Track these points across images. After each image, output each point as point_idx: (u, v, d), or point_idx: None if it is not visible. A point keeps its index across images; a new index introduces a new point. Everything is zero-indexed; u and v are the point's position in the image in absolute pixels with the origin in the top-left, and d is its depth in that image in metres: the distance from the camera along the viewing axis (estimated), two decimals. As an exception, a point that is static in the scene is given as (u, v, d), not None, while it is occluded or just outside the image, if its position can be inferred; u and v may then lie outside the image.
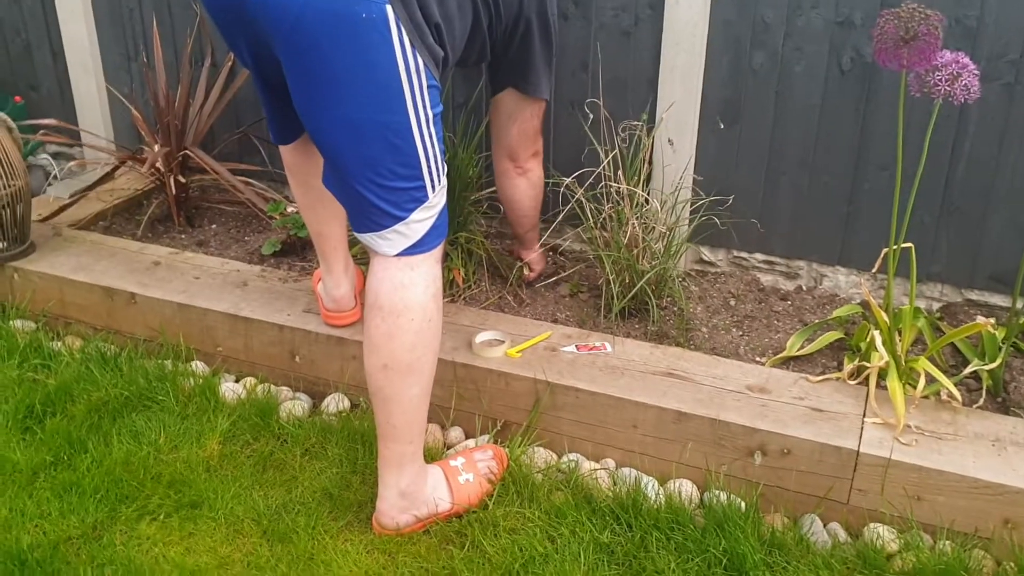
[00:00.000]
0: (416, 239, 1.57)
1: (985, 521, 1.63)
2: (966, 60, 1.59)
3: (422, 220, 1.57)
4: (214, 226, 2.67)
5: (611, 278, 2.10)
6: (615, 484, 1.83)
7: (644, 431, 1.83)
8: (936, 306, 2.23)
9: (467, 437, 1.99)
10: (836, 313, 2.13)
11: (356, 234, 1.61)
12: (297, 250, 2.49)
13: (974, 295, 2.19)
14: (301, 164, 1.96)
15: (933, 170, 2.10)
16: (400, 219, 1.55)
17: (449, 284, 2.25)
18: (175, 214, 2.65)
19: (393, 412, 1.62)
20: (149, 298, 2.22)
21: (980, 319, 1.78)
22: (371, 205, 1.55)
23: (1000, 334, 1.95)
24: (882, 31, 1.62)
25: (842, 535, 1.71)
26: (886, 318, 1.86)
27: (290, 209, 2.57)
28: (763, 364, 2.00)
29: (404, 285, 1.57)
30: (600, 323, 2.13)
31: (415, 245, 1.58)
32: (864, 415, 1.77)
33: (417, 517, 1.70)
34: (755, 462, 1.76)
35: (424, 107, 1.51)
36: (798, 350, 2.02)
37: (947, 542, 1.65)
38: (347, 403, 2.08)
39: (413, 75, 1.48)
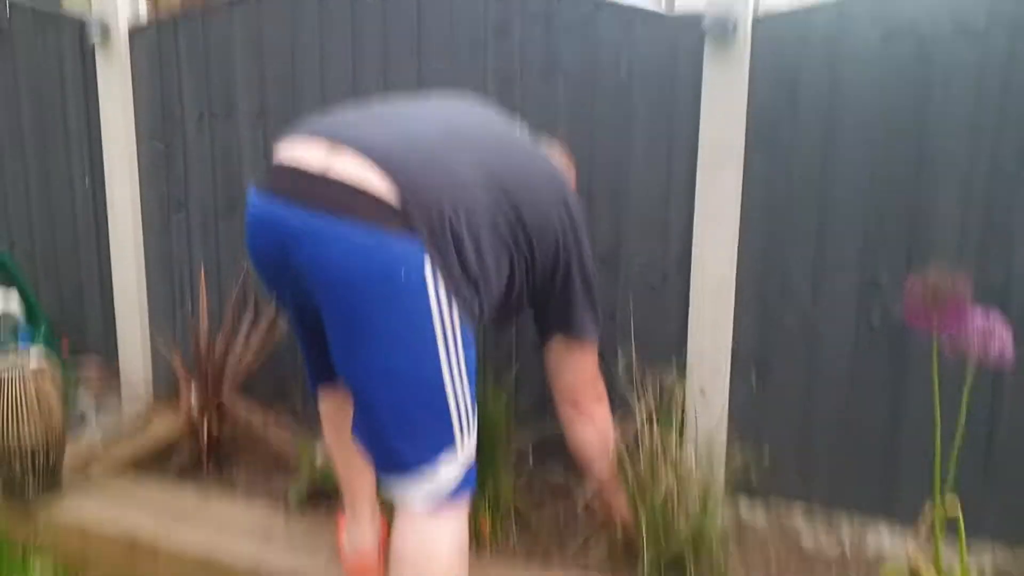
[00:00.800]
0: (444, 492, 1.55)
1: None
2: (998, 322, 1.58)
3: (450, 471, 1.55)
4: (245, 467, 2.64)
5: (645, 537, 2.01)
6: None
7: None
8: (988, 570, 2.11)
9: None
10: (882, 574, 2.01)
11: (383, 479, 1.58)
12: (328, 494, 2.44)
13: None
14: (336, 412, 1.97)
15: (972, 431, 2.05)
16: (428, 470, 1.53)
17: (476, 535, 2.17)
18: (205, 460, 2.63)
19: None
20: (171, 553, 2.16)
21: None
22: (399, 454, 1.53)
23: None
24: (912, 294, 1.64)
25: None
26: (939, 586, 1.75)
27: (317, 461, 2.54)
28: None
29: (431, 539, 1.54)
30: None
31: (442, 497, 1.55)
32: None
33: None
34: None
35: (458, 361, 1.53)
36: (847, 618, 1.89)
37: None
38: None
39: (448, 329, 1.51)
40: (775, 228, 2.18)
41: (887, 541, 2.18)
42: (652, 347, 2.33)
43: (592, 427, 2.09)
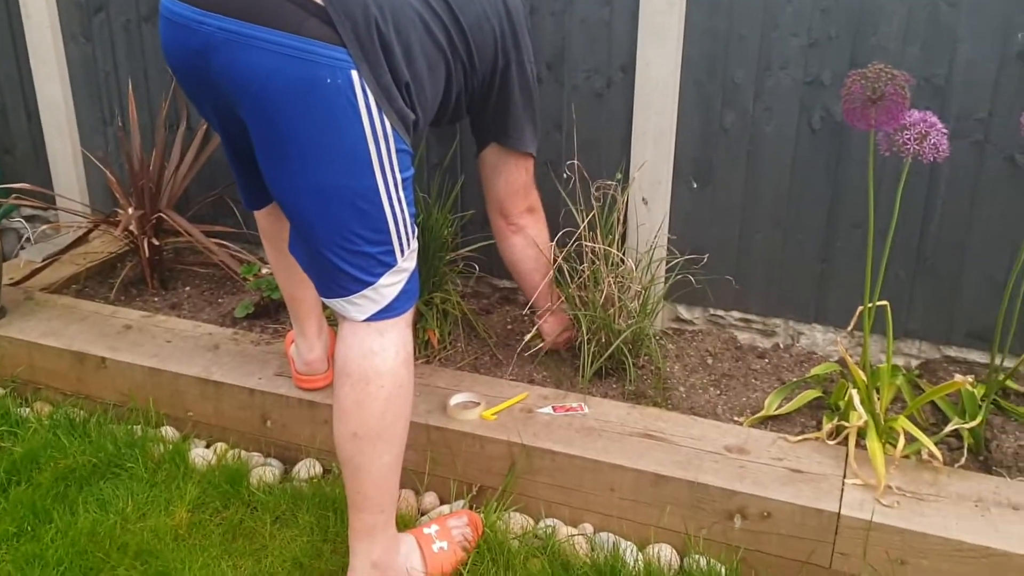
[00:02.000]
0: (385, 304, 1.54)
1: (971, 584, 1.59)
2: (934, 119, 1.58)
3: (391, 285, 1.55)
4: (188, 288, 2.63)
5: (587, 338, 2.06)
6: (593, 550, 1.77)
7: (622, 494, 1.78)
8: (914, 363, 2.21)
9: (441, 503, 1.93)
10: (813, 371, 2.10)
11: (324, 299, 1.58)
12: (270, 312, 2.45)
13: (952, 352, 2.17)
14: (275, 228, 1.93)
15: (906, 227, 2.09)
16: (368, 284, 1.52)
17: (424, 345, 2.21)
18: (148, 277, 2.61)
19: (364, 481, 1.57)
20: (119, 362, 2.17)
21: (958, 377, 1.76)
22: (338, 270, 1.52)
23: (979, 391, 1.93)
24: (849, 91, 1.63)
25: (826, 601, 1.66)
26: (864, 376, 1.83)
27: (264, 271, 2.54)
28: (741, 424, 1.96)
29: (373, 352, 1.54)
30: (577, 384, 2.10)
31: (384, 310, 1.54)
32: (844, 476, 1.73)
33: None
34: (735, 526, 1.71)
35: (393, 172, 1.49)
36: (776, 409, 1.98)
37: (933, 606, 1.60)
38: (319, 468, 2.03)
39: (381, 140, 1.46)
40: (719, 26, 2.12)
41: (820, 340, 2.27)
42: (597, 157, 2.31)
43: (522, 239, 2.10)
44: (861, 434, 1.80)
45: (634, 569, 1.70)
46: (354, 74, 1.40)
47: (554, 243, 2.15)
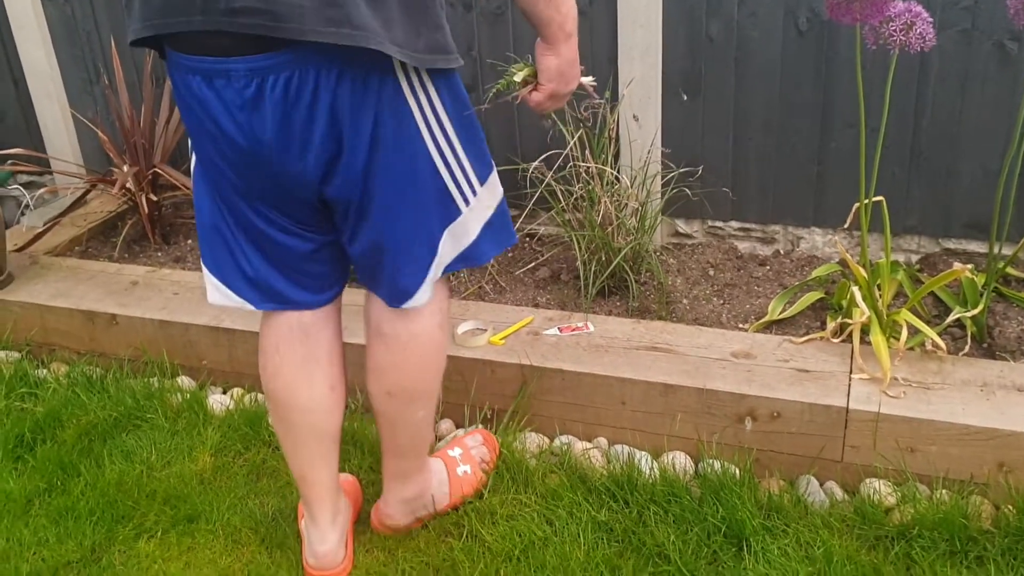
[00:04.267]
0: (456, 254, 1.42)
1: (980, 467, 1.60)
2: (919, 8, 1.55)
3: (457, 239, 1.40)
4: (190, 241, 2.62)
5: (586, 258, 2.06)
6: (608, 462, 1.80)
7: (633, 407, 1.80)
8: (915, 259, 2.20)
9: (457, 428, 1.95)
10: (815, 273, 2.10)
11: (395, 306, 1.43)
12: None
13: (951, 244, 2.17)
14: (292, 346, 1.47)
15: (899, 123, 2.07)
16: (432, 262, 1.39)
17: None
18: (150, 233, 2.60)
19: (399, 434, 1.54)
20: (130, 318, 2.17)
21: (957, 265, 1.75)
22: (410, 278, 1.39)
23: (980, 280, 1.93)
24: (833, -14, 1.59)
25: (839, 493, 1.68)
26: (864, 273, 1.83)
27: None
28: (746, 330, 1.97)
29: (408, 315, 1.43)
30: (581, 304, 2.10)
31: (451, 264, 1.43)
32: (851, 372, 1.74)
33: (419, 517, 1.66)
34: (746, 428, 1.73)
35: (449, 143, 1.32)
36: (780, 313, 1.99)
37: (943, 491, 1.62)
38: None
39: (430, 116, 1.28)
40: (702, -63, 2.07)
41: (820, 243, 2.27)
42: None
43: None
44: (865, 330, 1.80)
45: (650, 477, 1.72)
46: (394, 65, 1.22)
47: (539, 163, 2.14)
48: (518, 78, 1.34)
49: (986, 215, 2.08)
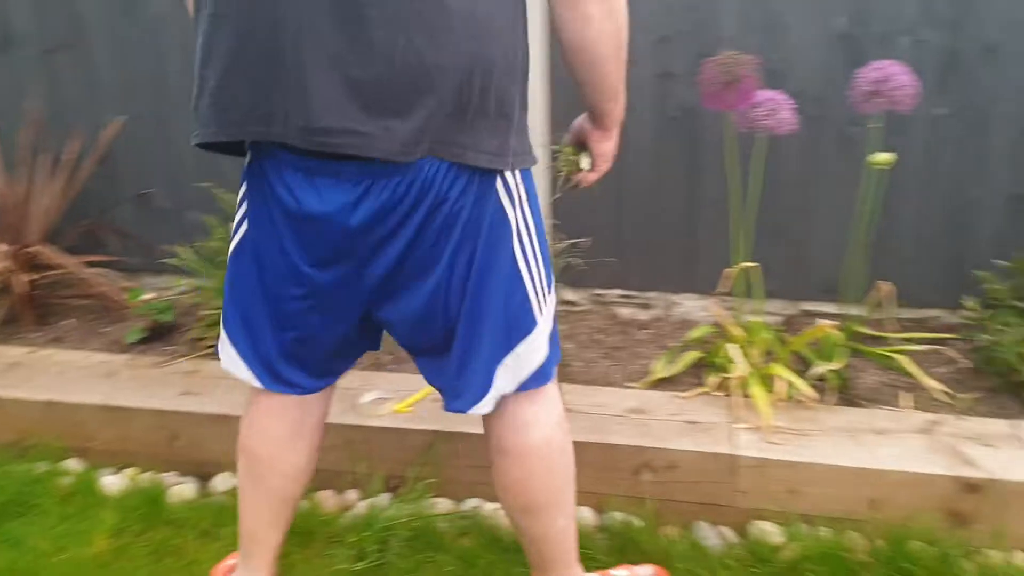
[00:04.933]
0: (531, 371, 1.36)
1: (854, 504, 1.77)
2: (781, 97, 1.77)
3: (532, 352, 1.35)
4: (69, 321, 2.54)
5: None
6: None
7: (539, 465, 1.88)
8: (777, 320, 2.42)
9: (362, 499, 1.97)
10: (692, 335, 2.26)
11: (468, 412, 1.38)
12: (162, 335, 2.41)
13: (809, 306, 2.39)
14: (284, 431, 1.47)
15: (761, 197, 2.29)
16: (502, 360, 1.34)
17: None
18: (25, 313, 2.50)
19: (542, 547, 1.48)
20: (14, 400, 2.09)
21: (822, 322, 1.95)
22: (482, 378, 1.34)
23: (839, 337, 2.13)
24: (706, 78, 1.79)
25: (731, 536, 1.80)
26: (740, 332, 2.01)
27: (148, 296, 2.49)
28: (636, 388, 2.10)
29: (527, 424, 1.39)
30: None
31: (531, 378, 1.36)
32: (734, 422, 1.89)
33: None
34: (644, 479, 1.84)
35: (528, 228, 1.33)
36: (664, 373, 2.13)
37: (824, 529, 1.77)
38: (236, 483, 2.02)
39: (521, 220, 1.30)
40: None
41: (693, 308, 2.45)
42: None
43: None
44: (743, 384, 1.96)
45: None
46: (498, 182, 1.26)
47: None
48: (585, 165, 1.48)
49: (837, 280, 2.32)
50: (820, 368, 2.02)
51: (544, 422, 1.40)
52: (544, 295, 1.35)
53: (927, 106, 2.15)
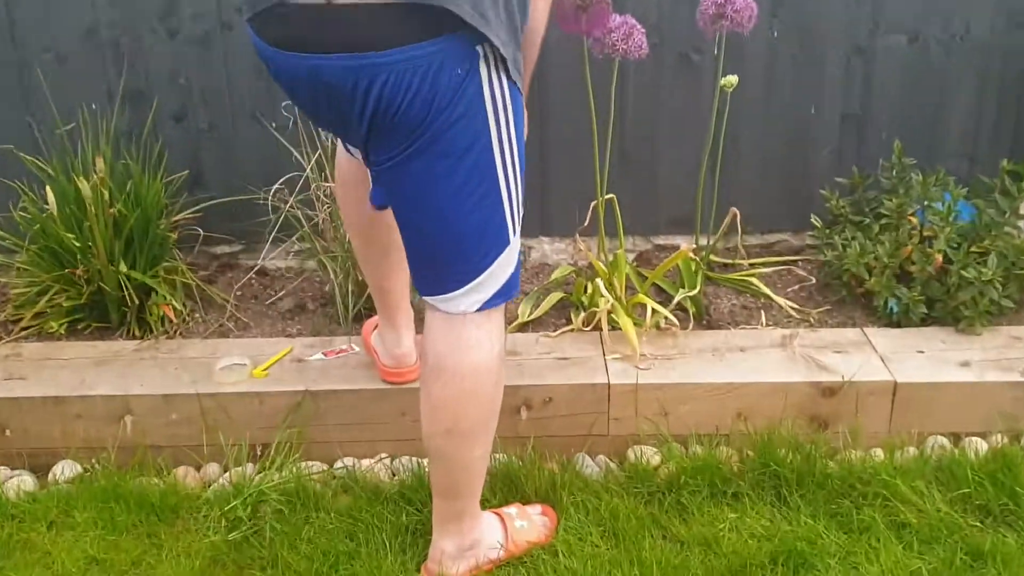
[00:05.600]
0: (494, 291, 1.56)
1: (723, 419, 2.06)
2: (634, 21, 2.01)
3: (502, 269, 1.56)
4: None
5: (340, 281, 2.29)
6: (394, 475, 2.03)
7: (414, 416, 2.04)
8: (631, 257, 2.69)
9: (225, 471, 2.07)
10: (554, 276, 2.49)
11: (427, 297, 1.59)
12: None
13: (661, 240, 2.67)
14: (358, 183, 1.81)
15: (607, 128, 2.51)
16: (483, 271, 1.54)
17: (161, 321, 2.31)
18: None
19: (455, 473, 1.67)
20: None
21: (683, 246, 2.22)
22: (452, 275, 1.54)
23: (693, 267, 2.42)
24: (562, 4, 1.99)
25: (612, 464, 2.05)
26: (603, 267, 2.25)
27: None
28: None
29: (471, 346, 1.57)
30: (338, 329, 2.32)
31: (492, 297, 1.57)
32: (604, 354, 2.14)
33: (476, 566, 1.76)
34: (522, 417, 2.05)
35: (511, 147, 1.49)
36: (529, 316, 2.34)
37: (697, 447, 2.05)
38: (79, 469, 2.07)
39: (501, 114, 1.45)
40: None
41: (548, 251, 2.68)
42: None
43: None
44: (610, 317, 2.21)
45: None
46: (479, 49, 1.39)
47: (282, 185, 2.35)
48: None
49: (689, 212, 2.59)
50: (680, 296, 2.30)
51: (488, 348, 1.58)
52: (518, 213, 1.55)
53: (763, 28, 2.45)
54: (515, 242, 1.56)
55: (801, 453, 1.98)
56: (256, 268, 2.56)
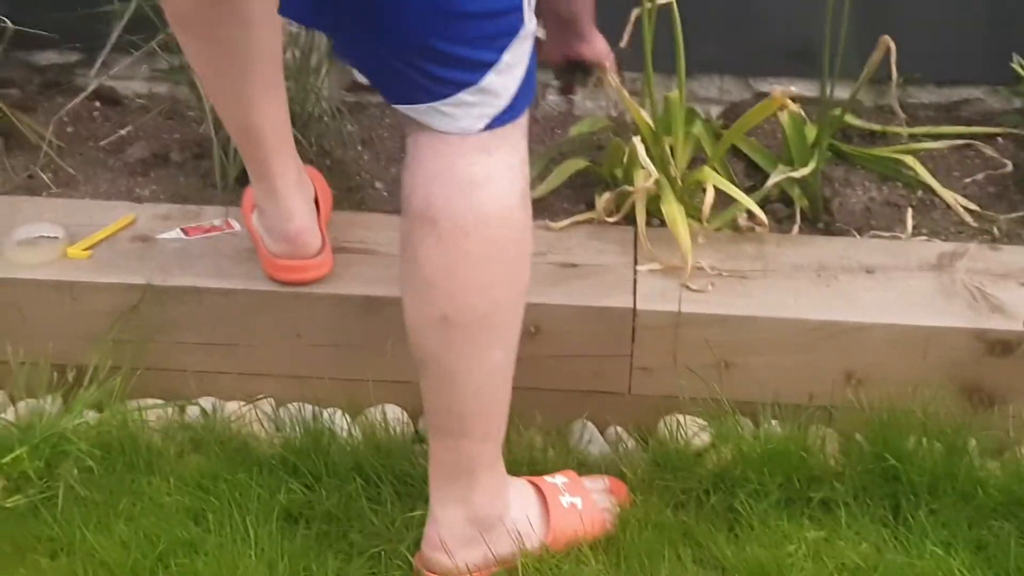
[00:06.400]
0: (506, 102, 1.56)
1: (821, 381, 2.08)
2: None
3: (515, 67, 1.56)
4: None
5: (216, 122, 2.32)
6: (278, 430, 2.10)
7: (314, 339, 2.10)
8: (716, 111, 2.68)
9: (11, 403, 2.14)
10: (574, 130, 2.50)
11: (403, 106, 1.59)
12: None
13: (766, 87, 2.66)
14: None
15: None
16: (490, 66, 1.54)
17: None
18: None
19: (460, 391, 1.69)
20: None
21: (778, 90, 2.20)
22: (442, 55, 1.52)
23: (810, 133, 2.40)
24: None
25: (628, 441, 2.10)
26: (649, 120, 2.25)
27: None
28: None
29: (476, 182, 1.58)
30: (213, 195, 2.36)
31: (505, 111, 1.57)
32: (635, 262, 2.17)
33: (494, 557, 1.80)
34: (493, 356, 2.09)
35: None
36: (531, 192, 2.36)
37: (773, 421, 2.07)
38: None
39: None
40: None
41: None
42: None
43: None
44: (653, 202, 2.21)
45: (352, 440, 2.03)
46: None
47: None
48: None
49: (812, 43, 2.57)
50: (777, 176, 2.30)
51: (505, 186, 1.60)
52: None
53: None
54: (530, 27, 1.56)
55: (943, 443, 2.00)
56: (93, 90, 2.61)
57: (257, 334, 2.12)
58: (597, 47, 2.05)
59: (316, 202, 2.15)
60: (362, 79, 2.69)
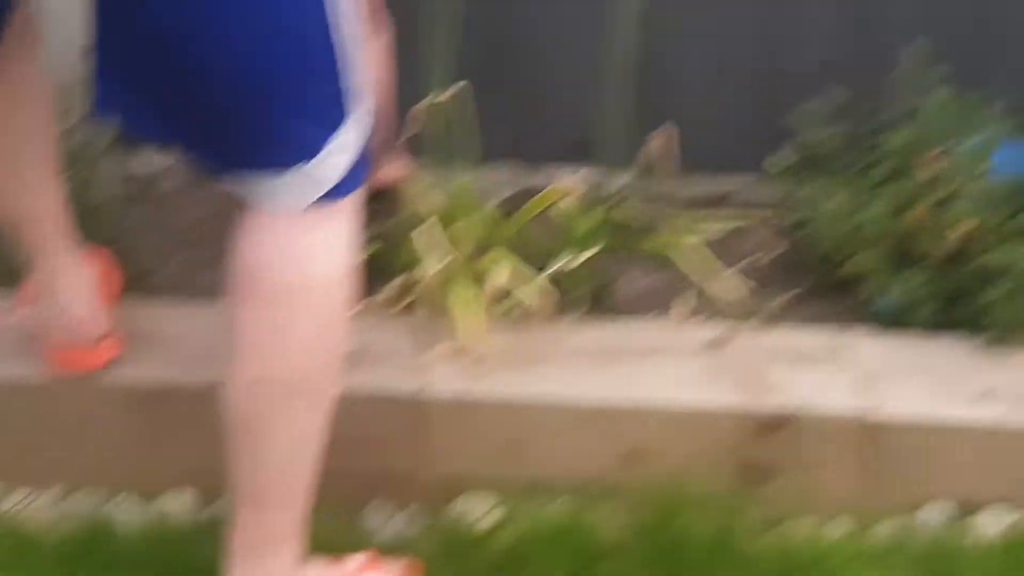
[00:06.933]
0: (335, 180, 1.60)
1: (606, 460, 2.14)
2: None
3: (342, 151, 1.59)
4: None
5: None
6: (62, 519, 2.07)
7: (102, 426, 2.08)
8: (500, 198, 2.73)
9: None
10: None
11: (230, 180, 1.64)
12: None
13: (559, 173, 2.69)
14: None
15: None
16: (323, 145, 1.56)
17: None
18: None
19: (270, 456, 1.70)
20: None
21: (563, 181, 2.26)
22: (275, 127, 1.55)
23: (591, 220, 2.45)
24: None
25: (422, 523, 2.12)
26: (436, 206, 2.30)
27: None
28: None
29: (299, 256, 1.62)
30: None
31: (334, 189, 1.60)
32: (425, 347, 2.20)
33: None
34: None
35: None
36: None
37: (563, 499, 2.12)
38: None
39: None
40: None
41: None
42: None
43: None
44: (439, 289, 2.25)
45: (141, 528, 2.02)
46: None
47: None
48: None
49: (590, 132, 2.64)
50: (557, 263, 2.36)
51: (325, 260, 1.64)
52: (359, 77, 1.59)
53: None
54: (360, 113, 1.60)
55: (718, 518, 2.07)
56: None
57: (46, 424, 2.11)
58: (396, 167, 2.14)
59: (101, 286, 2.14)
60: (149, 166, 2.69)
